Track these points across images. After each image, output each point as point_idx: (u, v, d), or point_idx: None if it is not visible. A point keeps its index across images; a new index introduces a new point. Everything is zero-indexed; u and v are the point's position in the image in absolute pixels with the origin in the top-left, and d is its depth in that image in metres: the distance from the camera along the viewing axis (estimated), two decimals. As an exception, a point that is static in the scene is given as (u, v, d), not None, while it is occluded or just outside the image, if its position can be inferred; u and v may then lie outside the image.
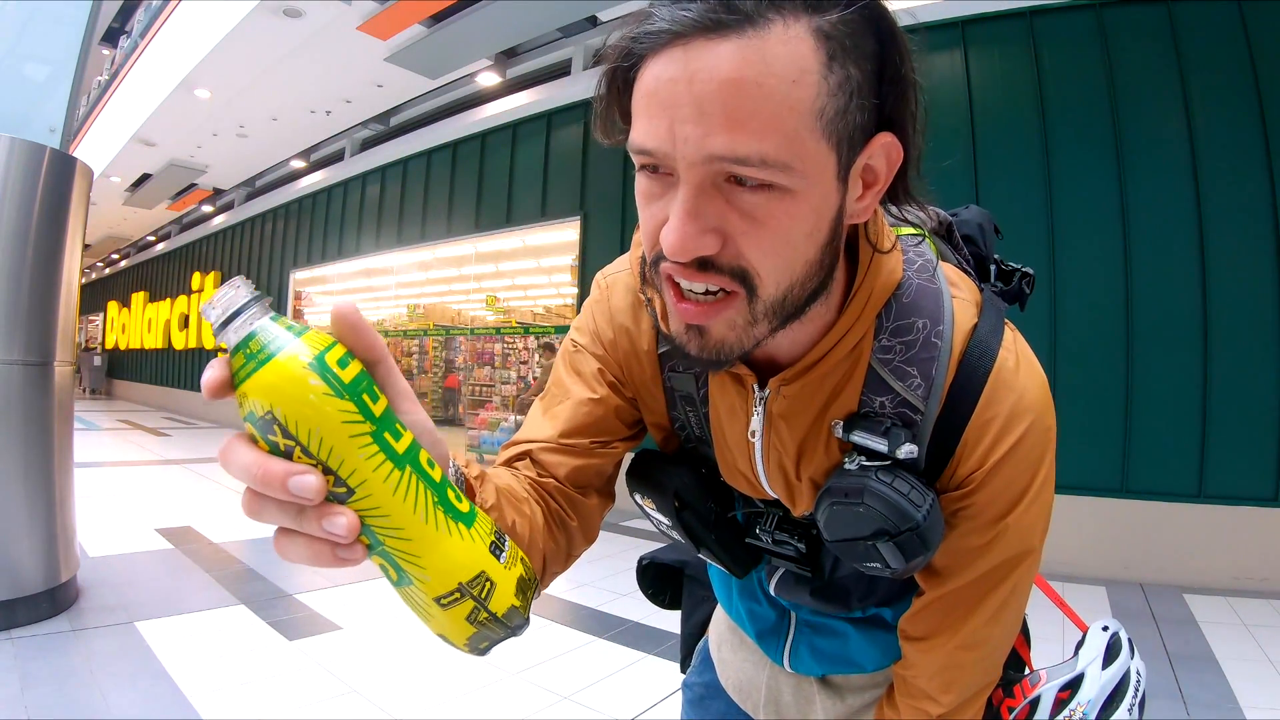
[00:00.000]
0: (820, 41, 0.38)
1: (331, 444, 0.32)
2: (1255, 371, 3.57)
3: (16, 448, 2.63)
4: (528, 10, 5.22)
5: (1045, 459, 0.52)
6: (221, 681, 2.24)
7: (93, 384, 17.25)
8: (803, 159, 0.39)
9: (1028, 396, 0.50)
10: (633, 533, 4.72)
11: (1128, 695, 0.63)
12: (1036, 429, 0.50)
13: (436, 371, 8.24)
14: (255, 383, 0.31)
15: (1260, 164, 3.61)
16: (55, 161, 2.78)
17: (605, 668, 2.51)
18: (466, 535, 0.37)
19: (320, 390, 0.32)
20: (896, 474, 0.49)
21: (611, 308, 0.62)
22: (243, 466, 0.32)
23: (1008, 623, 0.55)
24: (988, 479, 0.50)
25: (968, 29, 4.36)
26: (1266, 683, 2.44)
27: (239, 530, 4.35)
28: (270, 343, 0.32)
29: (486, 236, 7.12)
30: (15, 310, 2.65)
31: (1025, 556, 0.53)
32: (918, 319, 0.51)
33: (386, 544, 0.35)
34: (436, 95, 7.55)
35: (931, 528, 0.49)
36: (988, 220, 0.70)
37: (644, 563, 0.89)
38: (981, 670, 0.57)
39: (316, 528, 0.33)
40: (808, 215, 0.41)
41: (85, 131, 9.70)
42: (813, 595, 0.65)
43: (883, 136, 0.44)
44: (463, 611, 0.37)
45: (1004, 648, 0.57)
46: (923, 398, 0.50)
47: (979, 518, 0.52)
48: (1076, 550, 3.71)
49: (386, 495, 0.34)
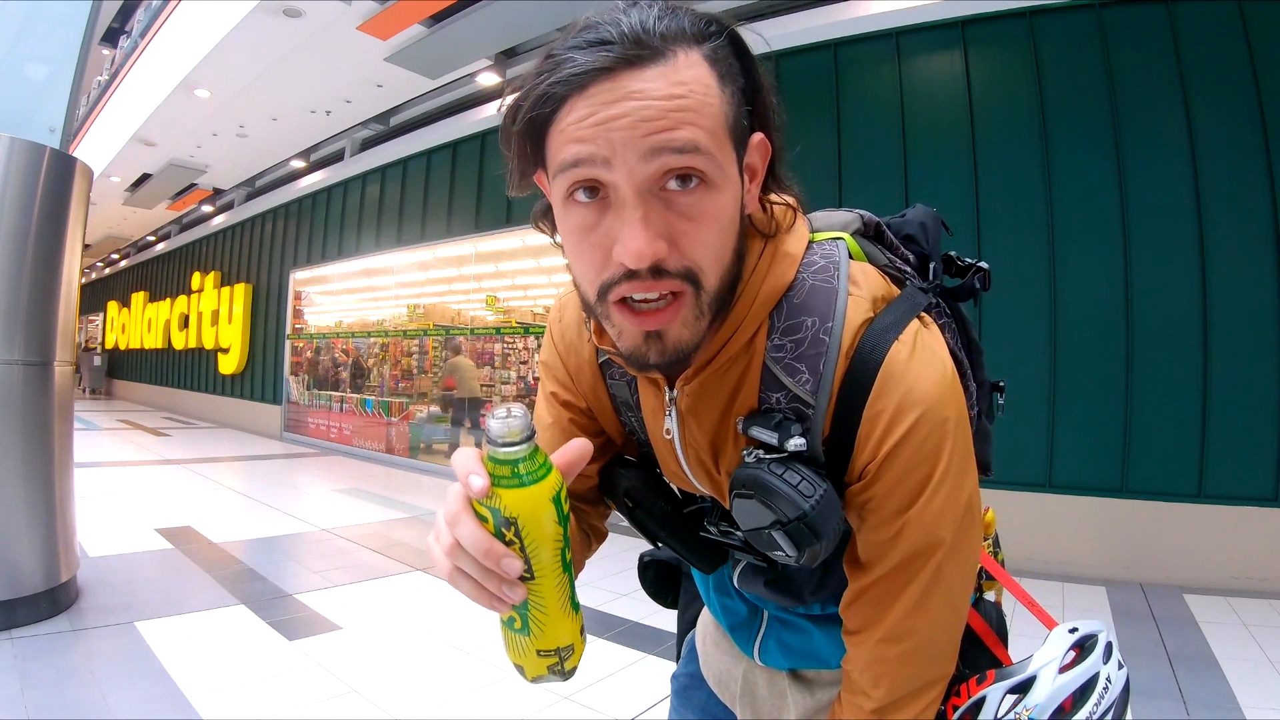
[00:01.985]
0: (711, 64, 0.47)
1: (540, 549, 0.46)
2: (1255, 371, 3.57)
3: (16, 448, 2.63)
4: (528, 10, 5.22)
5: (943, 450, 0.52)
6: (221, 681, 2.25)
7: (93, 384, 17.25)
8: (721, 152, 0.46)
9: (919, 388, 0.51)
10: (633, 532, 4.72)
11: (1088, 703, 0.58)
12: (928, 420, 0.51)
13: (436, 371, 8.23)
14: (512, 495, 0.44)
15: (1260, 164, 3.61)
16: (55, 161, 2.78)
17: (605, 668, 2.51)
18: (575, 620, 0.52)
19: (552, 518, 0.46)
20: (789, 466, 0.51)
21: (563, 326, 0.69)
22: (471, 539, 0.45)
23: (935, 616, 0.55)
24: (882, 470, 0.52)
25: (968, 29, 4.36)
26: (1266, 683, 2.44)
27: (239, 530, 4.35)
28: (531, 472, 0.44)
29: (486, 236, 7.12)
30: (15, 310, 2.65)
31: (935, 549, 0.53)
32: (807, 318, 0.54)
33: (530, 611, 0.49)
34: (436, 95, 7.54)
35: (820, 518, 0.50)
36: (932, 219, 0.72)
37: (645, 560, 0.92)
38: (912, 665, 0.56)
39: (495, 587, 0.46)
40: (729, 205, 0.48)
41: (85, 131, 9.70)
42: (767, 586, 0.67)
43: (756, 136, 0.51)
44: (548, 662, 0.52)
45: (936, 644, 0.56)
46: (811, 392, 0.53)
47: (882, 510, 0.53)
48: (1076, 550, 3.72)
49: (550, 586, 0.48)
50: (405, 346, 8.57)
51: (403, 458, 7.90)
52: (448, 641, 2.71)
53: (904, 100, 4.53)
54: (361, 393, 8.85)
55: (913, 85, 4.53)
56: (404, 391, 8.44)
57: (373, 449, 8.34)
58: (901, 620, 0.54)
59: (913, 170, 4.45)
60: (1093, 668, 0.59)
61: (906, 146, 4.49)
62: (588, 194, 0.46)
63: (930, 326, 0.56)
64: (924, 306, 0.58)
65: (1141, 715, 2.20)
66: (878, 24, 4.59)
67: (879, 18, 4.57)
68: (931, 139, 4.42)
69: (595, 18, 0.46)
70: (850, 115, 4.73)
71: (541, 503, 0.45)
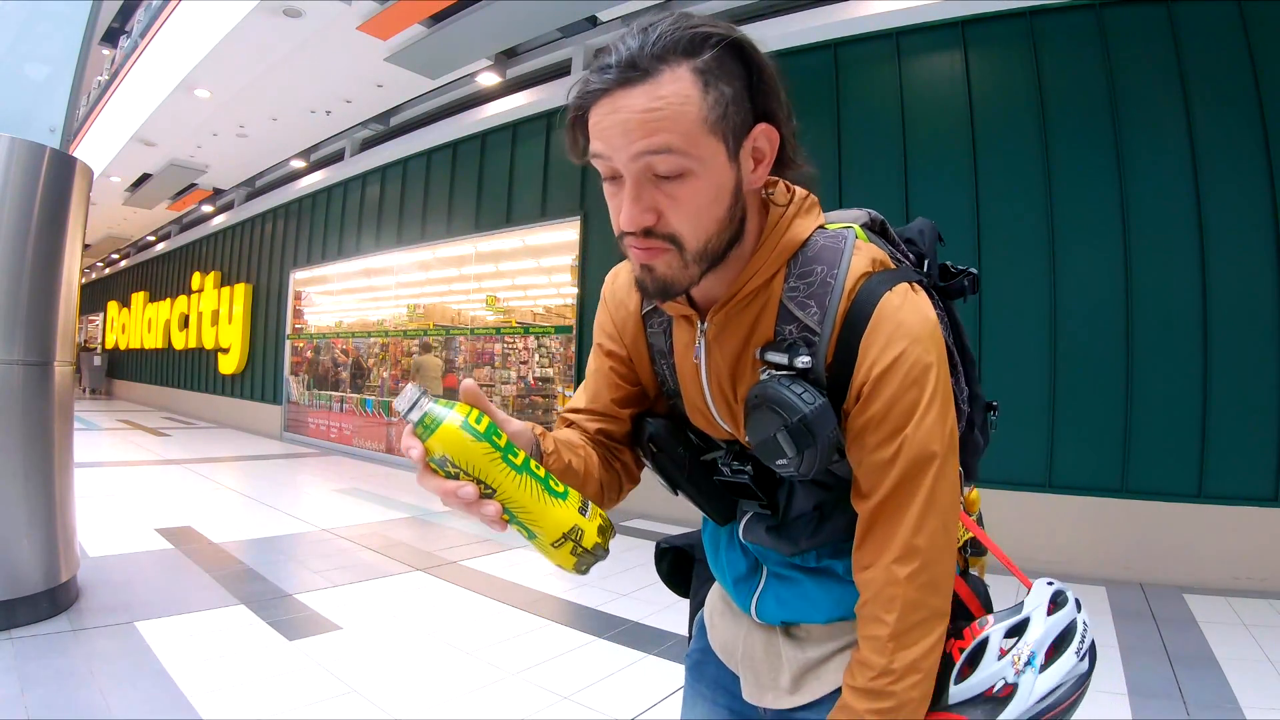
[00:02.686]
0: (697, 75, 0.57)
1: (480, 467, 0.56)
2: (1255, 371, 3.57)
3: (16, 448, 2.63)
4: (528, 10, 5.22)
5: (929, 376, 0.62)
6: (221, 681, 2.24)
7: (93, 384, 17.25)
8: (698, 148, 0.58)
9: (906, 324, 0.62)
10: (633, 533, 4.72)
11: (1074, 640, 0.66)
12: (915, 350, 0.62)
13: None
14: (433, 441, 0.55)
15: (1260, 164, 3.61)
16: (55, 161, 2.78)
17: (605, 668, 2.51)
18: (562, 505, 0.59)
19: (469, 439, 0.56)
20: (795, 381, 0.63)
21: (615, 286, 0.85)
22: (433, 488, 0.57)
23: (934, 538, 0.63)
24: (876, 391, 0.62)
25: (968, 29, 4.36)
26: (1266, 683, 2.44)
27: (239, 530, 4.35)
28: (438, 417, 0.55)
29: (486, 236, 7.12)
30: (15, 310, 2.65)
31: (929, 462, 0.62)
32: (818, 265, 0.66)
33: (518, 516, 0.58)
34: (436, 95, 7.54)
35: (817, 419, 0.61)
36: (930, 228, 0.82)
37: (661, 548, 0.99)
38: (919, 586, 0.63)
39: (478, 515, 0.58)
40: (709, 189, 0.60)
41: (85, 131, 9.70)
42: (768, 533, 0.76)
43: (760, 125, 0.62)
44: (567, 549, 0.60)
45: (937, 568, 0.64)
46: (818, 322, 0.65)
47: (880, 430, 0.63)
48: (1076, 550, 3.72)
49: (513, 490, 0.58)
50: (405, 346, 8.57)
51: (403, 458, 7.88)
52: (448, 641, 2.71)
53: (904, 100, 4.53)
54: (361, 393, 8.85)
55: (913, 85, 4.53)
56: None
57: (373, 449, 8.35)
58: (908, 540, 0.63)
59: (913, 170, 4.45)
60: (1070, 614, 0.68)
61: (906, 146, 4.49)
62: (611, 179, 0.62)
63: (919, 292, 0.66)
64: (916, 279, 0.68)
65: (1141, 715, 2.20)
66: (878, 24, 4.59)
67: (879, 18, 4.57)
68: (931, 139, 4.42)
69: (612, 41, 0.59)
70: (850, 115, 4.73)
71: (453, 434, 0.55)
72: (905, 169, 4.46)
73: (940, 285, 0.77)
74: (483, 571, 3.68)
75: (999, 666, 0.65)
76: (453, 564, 3.80)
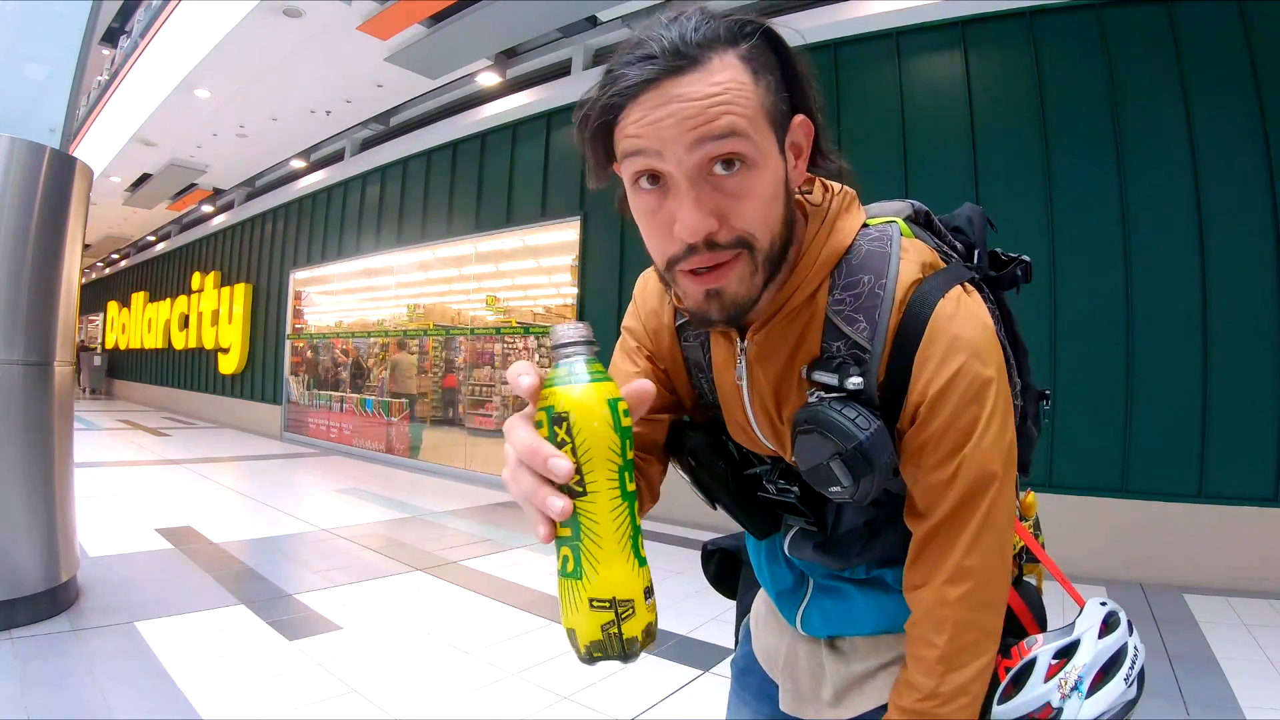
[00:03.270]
0: (745, 62, 0.53)
1: (592, 455, 0.44)
2: (1255, 371, 3.57)
3: (16, 448, 2.63)
4: (528, 10, 5.22)
5: (989, 392, 0.58)
6: (221, 681, 2.24)
7: (93, 384, 17.25)
8: (760, 134, 0.53)
9: (964, 337, 0.58)
10: (633, 533, 4.72)
11: (1124, 666, 0.64)
12: (973, 365, 0.58)
13: (437, 371, 8.24)
14: (565, 392, 0.44)
15: (1260, 164, 3.61)
16: (55, 161, 2.78)
17: (605, 668, 2.50)
18: (637, 571, 0.47)
19: (607, 420, 0.44)
20: (847, 404, 0.59)
21: (646, 293, 0.79)
22: (521, 440, 0.45)
23: (988, 557, 0.60)
24: (933, 411, 0.58)
25: (968, 29, 4.36)
26: (1266, 683, 2.44)
27: (239, 530, 4.35)
28: (590, 374, 0.45)
29: (486, 236, 7.12)
30: (15, 310, 2.65)
31: (989, 482, 0.59)
32: (865, 275, 0.61)
33: (583, 540, 0.45)
34: (436, 95, 7.54)
35: (874, 447, 0.57)
36: (979, 215, 0.78)
37: (708, 549, 0.98)
38: (972, 608, 0.60)
39: (539, 502, 0.44)
40: (770, 182, 0.55)
41: (85, 131, 9.70)
42: (816, 549, 0.72)
43: (797, 118, 0.58)
44: (602, 619, 0.46)
45: (991, 588, 0.61)
46: (868, 338, 0.60)
47: (938, 451, 0.59)
48: (1076, 550, 3.71)
49: (604, 510, 0.45)
50: (405, 346, 8.57)
51: (403, 458, 7.90)
52: (448, 641, 2.71)
53: (904, 100, 4.53)
54: (361, 393, 8.85)
55: (913, 85, 4.53)
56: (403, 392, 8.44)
57: (373, 449, 8.35)
58: (961, 560, 0.60)
59: (913, 170, 4.45)
60: (1122, 638, 0.65)
61: (906, 146, 4.49)
62: (650, 181, 0.55)
63: (973, 294, 0.62)
64: (967, 278, 0.64)
65: (1141, 715, 2.19)
66: (878, 24, 4.59)
67: (879, 18, 4.57)
68: (931, 139, 4.42)
69: (642, 34, 0.53)
70: (850, 115, 4.73)
71: (596, 400, 0.44)
72: (905, 169, 4.46)
73: (992, 275, 0.73)
74: (483, 571, 3.68)
75: (1045, 690, 0.63)
76: (453, 564, 3.80)
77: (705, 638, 2.81)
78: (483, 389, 7.70)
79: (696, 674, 2.47)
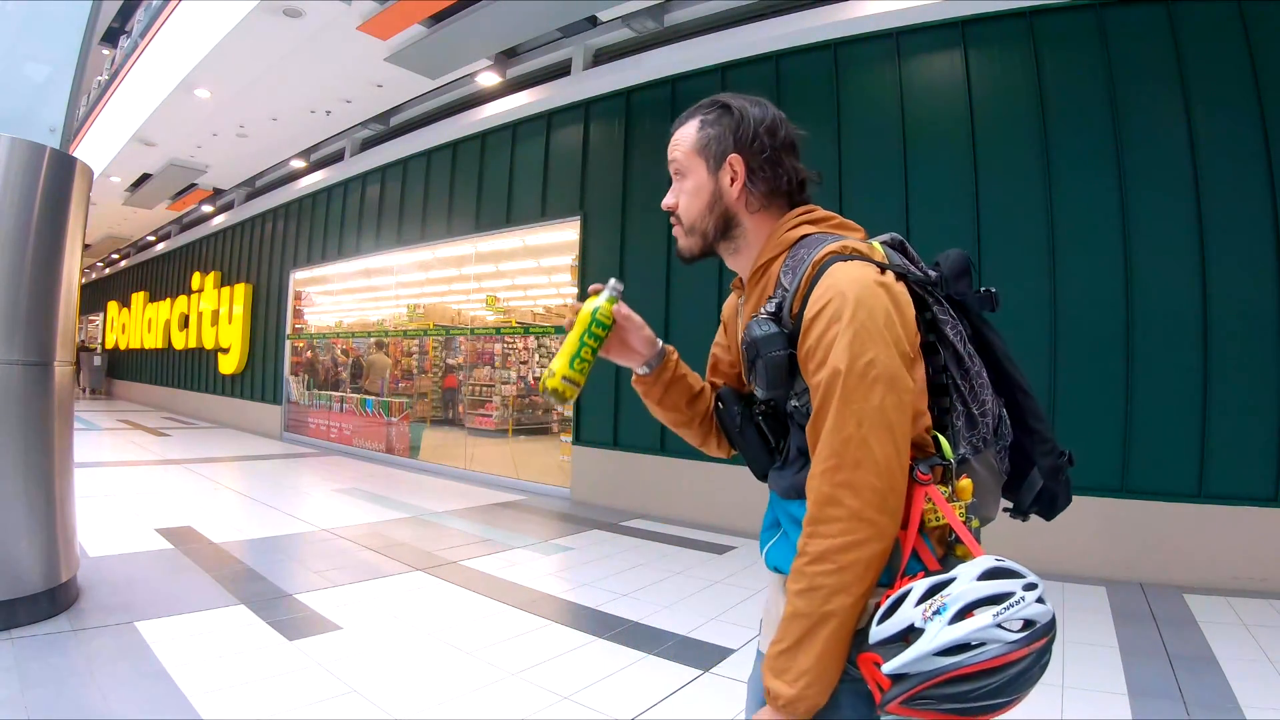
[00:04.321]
0: (698, 124, 0.96)
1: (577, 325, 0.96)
2: (1255, 371, 3.57)
3: (16, 448, 2.63)
4: (528, 10, 5.22)
5: (844, 318, 0.78)
6: (221, 681, 2.25)
7: (93, 384, 17.25)
8: (689, 159, 0.96)
9: (839, 284, 0.80)
10: (633, 533, 4.72)
11: (998, 607, 0.67)
12: (837, 300, 0.79)
13: (437, 372, 8.25)
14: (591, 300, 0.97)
15: (1260, 164, 3.61)
16: (55, 161, 2.78)
17: (605, 668, 2.51)
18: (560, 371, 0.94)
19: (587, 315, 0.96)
20: (766, 320, 0.87)
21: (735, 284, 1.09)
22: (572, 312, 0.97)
23: (847, 442, 0.76)
24: (809, 329, 0.81)
25: (968, 29, 4.36)
26: (1266, 683, 2.44)
27: (239, 530, 4.35)
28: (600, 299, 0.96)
29: (486, 236, 7.12)
30: (15, 310, 2.65)
31: (835, 379, 0.78)
32: (804, 250, 0.89)
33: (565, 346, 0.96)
34: (436, 95, 7.54)
35: (764, 340, 0.85)
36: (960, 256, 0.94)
37: None
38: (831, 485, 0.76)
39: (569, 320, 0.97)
40: (693, 189, 0.96)
41: (85, 131, 9.70)
42: (773, 473, 0.97)
43: (732, 155, 0.93)
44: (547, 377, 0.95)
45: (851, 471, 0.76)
46: (792, 284, 0.87)
47: (812, 360, 0.81)
48: (1076, 550, 3.72)
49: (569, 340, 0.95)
50: (405, 346, 8.58)
51: (403, 458, 7.91)
52: (448, 641, 2.71)
53: (904, 100, 4.53)
54: (361, 393, 8.86)
55: (913, 85, 4.53)
56: (404, 391, 8.45)
57: (373, 449, 8.35)
58: (825, 442, 0.78)
59: (913, 170, 4.45)
60: (1008, 586, 0.68)
61: (906, 146, 4.49)
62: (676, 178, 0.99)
63: (869, 268, 0.82)
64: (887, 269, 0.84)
65: (1141, 715, 2.20)
66: (878, 24, 4.59)
67: (879, 18, 4.57)
68: (931, 139, 4.42)
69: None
70: (850, 115, 4.73)
71: (589, 307, 0.96)
72: (905, 169, 4.46)
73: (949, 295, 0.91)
74: (483, 571, 3.68)
75: (912, 613, 0.70)
76: (453, 564, 3.80)
77: (705, 638, 2.81)
78: (483, 389, 7.71)
79: (696, 674, 2.47)
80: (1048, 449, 0.95)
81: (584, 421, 5.95)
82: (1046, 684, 2.41)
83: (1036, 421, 0.95)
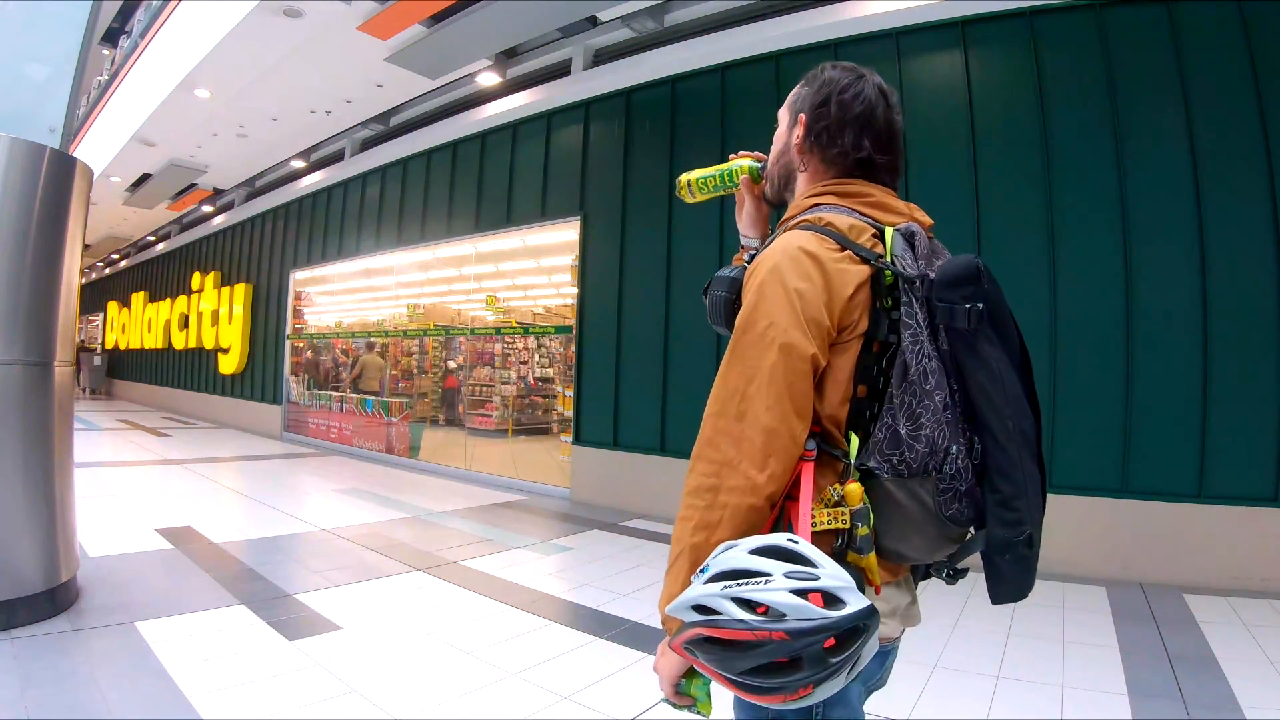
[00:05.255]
0: (802, 83, 1.03)
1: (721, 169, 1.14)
2: (1255, 371, 3.57)
3: (16, 448, 2.63)
4: (528, 10, 5.22)
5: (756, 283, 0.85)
6: (221, 681, 2.24)
7: (93, 384, 17.25)
8: (783, 112, 1.05)
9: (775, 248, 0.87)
10: (633, 533, 4.72)
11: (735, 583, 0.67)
12: (763, 268, 0.85)
13: (436, 372, 8.25)
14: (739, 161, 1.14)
15: (1260, 164, 3.61)
16: (55, 161, 2.78)
17: (605, 668, 2.51)
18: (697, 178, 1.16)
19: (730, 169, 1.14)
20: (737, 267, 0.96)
21: None
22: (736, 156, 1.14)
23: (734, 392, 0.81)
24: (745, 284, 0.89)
25: (968, 29, 4.36)
26: (1266, 683, 2.44)
27: (239, 530, 4.35)
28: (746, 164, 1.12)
29: (486, 236, 7.12)
30: (15, 310, 2.65)
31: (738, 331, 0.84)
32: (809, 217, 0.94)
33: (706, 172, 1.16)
34: (436, 95, 7.54)
35: (716, 281, 0.95)
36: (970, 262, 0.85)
37: None
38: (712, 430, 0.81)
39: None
40: (776, 138, 1.06)
41: (85, 131, 9.70)
42: None
43: (802, 113, 1.00)
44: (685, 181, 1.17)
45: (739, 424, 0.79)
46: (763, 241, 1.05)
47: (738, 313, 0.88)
48: (1076, 550, 3.71)
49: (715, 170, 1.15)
50: (405, 346, 8.57)
51: (403, 458, 7.91)
52: (448, 641, 2.71)
53: (904, 100, 4.51)
54: (361, 393, 8.86)
55: (913, 85, 4.53)
56: (404, 391, 8.45)
57: (373, 449, 8.35)
58: (716, 391, 0.83)
59: (913, 170, 4.45)
60: (765, 567, 0.68)
61: (906, 146, 4.47)
62: None
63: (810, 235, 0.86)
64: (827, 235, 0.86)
65: (1141, 715, 2.20)
66: (878, 24, 4.59)
67: (879, 18, 4.57)
68: (931, 139, 4.42)
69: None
70: (850, 115, 4.72)
71: (734, 163, 1.12)
72: (905, 169, 4.45)
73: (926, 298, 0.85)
74: (483, 571, 3.68)
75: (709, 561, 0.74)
76: (453, 564, 3.80)
77: (705, 638, 2.81)
78: (483, 389, 7.71)
79: (696, 674, 2.47)
80: (1008, 518, 0.81)
81: (584, 421, 5.96)
82: (1047, 684, 2.42)
83: (1002, 481, 0.81)
